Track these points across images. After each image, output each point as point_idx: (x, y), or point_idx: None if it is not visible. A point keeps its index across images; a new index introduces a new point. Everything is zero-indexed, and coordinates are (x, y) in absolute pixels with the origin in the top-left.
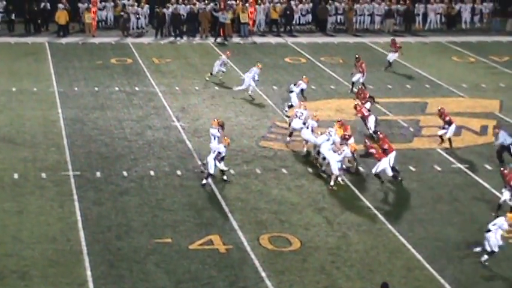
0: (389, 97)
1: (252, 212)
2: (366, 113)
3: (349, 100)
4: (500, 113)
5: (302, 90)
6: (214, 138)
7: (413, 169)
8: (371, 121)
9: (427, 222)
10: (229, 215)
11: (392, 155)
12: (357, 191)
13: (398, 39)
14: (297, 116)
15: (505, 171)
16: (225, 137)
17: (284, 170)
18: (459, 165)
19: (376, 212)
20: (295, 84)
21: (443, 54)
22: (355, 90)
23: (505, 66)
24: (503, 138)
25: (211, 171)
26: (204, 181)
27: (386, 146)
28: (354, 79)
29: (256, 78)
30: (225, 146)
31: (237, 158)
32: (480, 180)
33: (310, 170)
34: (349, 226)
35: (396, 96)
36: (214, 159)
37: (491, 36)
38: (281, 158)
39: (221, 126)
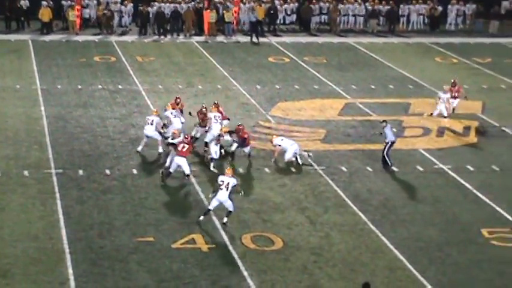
0: (373, 97)
1: (235, 211)
2: None
3: (332, 100)
4: (483, 114)
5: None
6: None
7: (396, 169)
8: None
9: (410, 223)
10: (212, 213)
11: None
12: (339, 191)
13: (381, 40)
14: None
15: None
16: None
17: (267, 170)
18: (442, 165)
19: (358, 212)
20: None
21: (426, 55)
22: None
23: (487, 68)
24: (389, 134)
25: (215, 156)
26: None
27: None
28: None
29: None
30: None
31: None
32: (462, 181)
33: (293, 169)
34: (331, 226)
35: (379, 97)
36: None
37: (474, 37)
38: (264, 158)
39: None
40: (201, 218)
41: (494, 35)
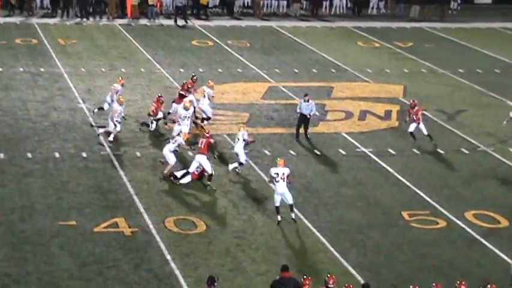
0: (296, 81)
1: (158, 195)
2: None
3: (255, 83)
4: (404, 98)
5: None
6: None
7: (318, 153)
8: None
9: (332, 206)
10: (135, 197)
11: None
12: (262, 175)
13: (304, 23)
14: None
15: None
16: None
17: (190, 153)
18: (363, 149)
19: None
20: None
21: (348, 39)
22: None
23: (408, 52)
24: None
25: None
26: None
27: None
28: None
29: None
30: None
31: (143, 140)
32: (384, 164)
33: (216, 153)
34: (254, 210)
35: (302, 81)
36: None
37: (396, 22)
38: (188, 141)
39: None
40: (280, 217)
41: (416, 20)
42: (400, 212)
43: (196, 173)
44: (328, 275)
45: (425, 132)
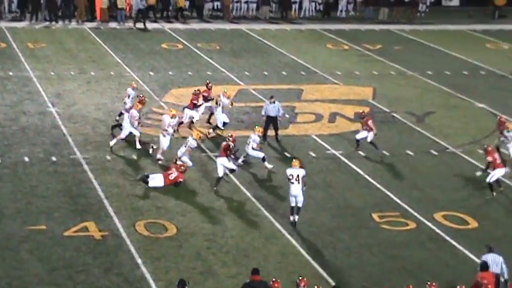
0: (266, 84)
1: (128, 198)
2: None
3: (225, 86)
4: (374, 100)
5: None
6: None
7: (288, 155)
8: None
9: (302, 208)
10: (105, 201)
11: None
12: (233, 178)
13: (274, 26)
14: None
15: None
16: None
17: (160, 156)
18: (333, 151)
19: (252, 198)
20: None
21: (318, 42)
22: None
23: (377, 54)
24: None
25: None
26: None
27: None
28: (359, 136)
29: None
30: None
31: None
32: (354, 166)
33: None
34: (225, 212)
35: (272, 83)
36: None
37: (365, 24)
38: (157, 144)
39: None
40: (292, 218)
41: (384, 22)
42: (370, 213)
43: (181, 174)
44: (300, 278)
45: (358, 137)
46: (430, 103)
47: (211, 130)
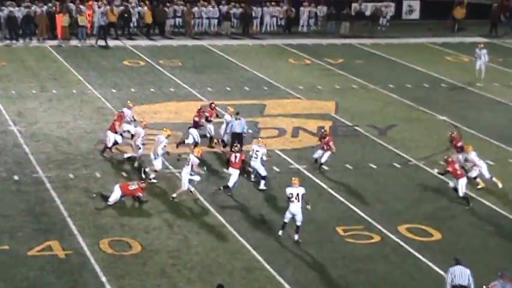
0: (228, 99)
1: (92, 216)
2: None
3: (188, 102)
4: (336, 114)
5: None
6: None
7: (251, 170)
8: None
9: (267, 223)
10: (69, 219)
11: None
12: (197, 194)
13: (236, 42)
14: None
15: None
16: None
17: (124, 174)
18: (297, 165)
19: (216, 213)
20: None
21: (280, 57)
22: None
23: (339, 68)
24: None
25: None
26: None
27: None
28: (316, 155)
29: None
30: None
31: (76, 162)
32: (317, 181)
33: (151, 175)
34: (189, 229)
35: (235, 99)
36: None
37: (326, 38)
38: (120, 161)
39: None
40: (280, 232)
41: (346, 36)
42: (334, 227)
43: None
44: None
45: (316, 156)
46: (392, 116)
47: (216, 140)
